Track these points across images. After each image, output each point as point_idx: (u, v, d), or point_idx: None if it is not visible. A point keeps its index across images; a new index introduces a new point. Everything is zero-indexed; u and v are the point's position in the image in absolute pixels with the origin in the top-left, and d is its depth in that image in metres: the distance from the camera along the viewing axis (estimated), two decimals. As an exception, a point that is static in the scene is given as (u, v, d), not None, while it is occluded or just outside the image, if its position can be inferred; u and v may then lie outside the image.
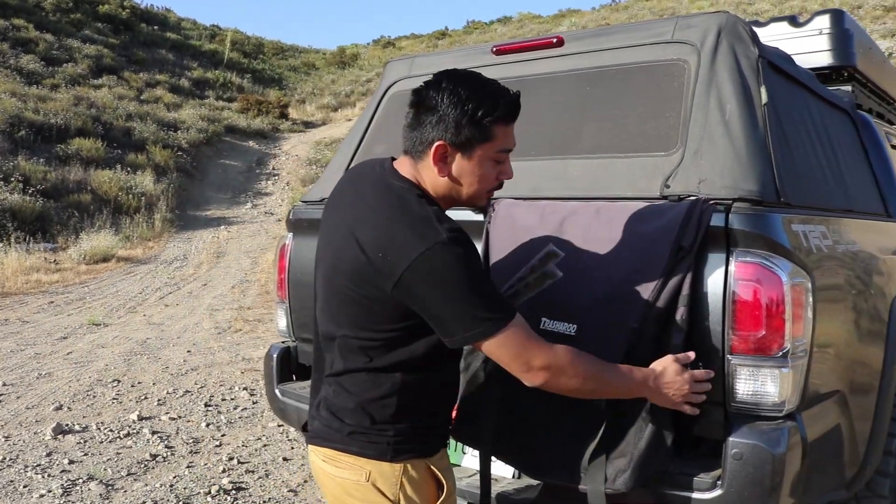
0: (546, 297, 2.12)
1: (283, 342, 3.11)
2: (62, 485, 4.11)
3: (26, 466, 4.38)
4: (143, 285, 11.48)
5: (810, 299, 2.01)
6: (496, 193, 1.86)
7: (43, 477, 4.22)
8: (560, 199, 2.27)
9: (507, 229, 2.26)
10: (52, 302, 9.97)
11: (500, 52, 2.67)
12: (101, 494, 4.02)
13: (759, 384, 1.97)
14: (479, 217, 2.34)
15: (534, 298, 2.12)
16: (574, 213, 2.15)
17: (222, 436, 5.06)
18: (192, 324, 8.84)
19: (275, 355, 3.03)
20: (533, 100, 2.56)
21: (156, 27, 34.27)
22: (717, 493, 1.95)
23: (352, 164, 2.91)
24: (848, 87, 3.47)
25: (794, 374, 1.97)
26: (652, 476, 1.97)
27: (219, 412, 5.55)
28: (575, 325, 2.06)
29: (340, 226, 1.80)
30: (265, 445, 4.86)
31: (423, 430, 1.84)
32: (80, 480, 4.20)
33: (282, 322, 3.06)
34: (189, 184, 19.64)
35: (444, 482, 1.84)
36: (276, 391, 3.00)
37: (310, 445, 1.89)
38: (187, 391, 6.07)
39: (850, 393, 2.32)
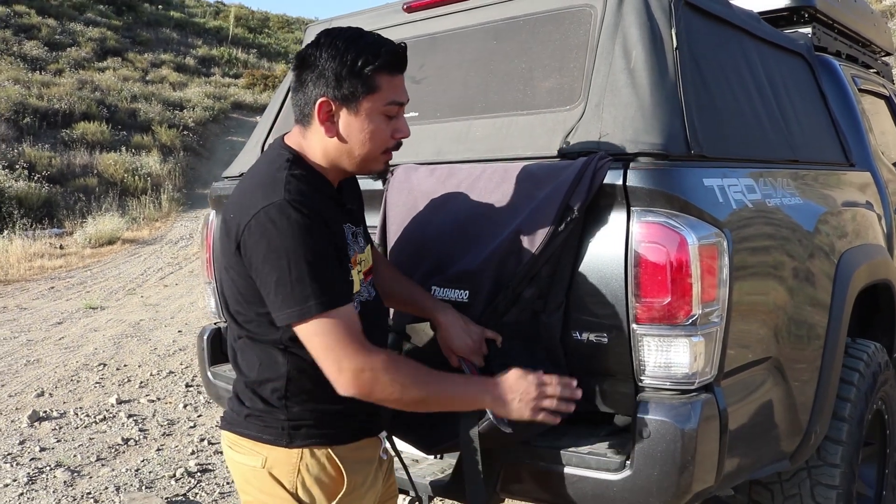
0: (438, 265, 1.99)
1: (214, 323, 3.00)
2: (28, 473, 4.07)
3: (-4, 456, 4.35)
4: (145, 266, 11.48)
5: (726, 260, 1.84)
6: (396, 158, 1.72)
7: (11, 466, 4.19)
8: (461, 162, 2.11)
9: (406, 195, 2.12)
10: (53, 287, 9.99)
11: (411, 9, 2.49)
12: (65, 482, 3.98)
13: (668, 355, 1.81)
14: (379, 185, 2.19)
15: (426, 267, 1.99)
16: (471, 176, 2.00)
17: (198, 416, 5.00)
18: (188, 303, 8.81)
19: (205, 337, 2.92)
20: (441, 58, 2.40)
21: (159, 6, 34.08)
22: (626, 473, 1.81)
23: (269, 137, 2.77)
24: (807, 29, 3.24)
25: (707, 343, 1.81)
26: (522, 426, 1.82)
27: (199, 392, 5.50)
28: (466, 292, 1.97)
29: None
30: (239, 426, 4.78)
31: (327, 416, 1.70)
32: (48, 468, 4.15)
33: (211, 302, 2.95)
34: (197, 162, 19.62)
35: (345, 475, 1.70)
36: (209, 374, 2.90)
37: (221, 431, 1.82)
38: (171, 372, 6.02)
39: (786, 358, 2.15)
